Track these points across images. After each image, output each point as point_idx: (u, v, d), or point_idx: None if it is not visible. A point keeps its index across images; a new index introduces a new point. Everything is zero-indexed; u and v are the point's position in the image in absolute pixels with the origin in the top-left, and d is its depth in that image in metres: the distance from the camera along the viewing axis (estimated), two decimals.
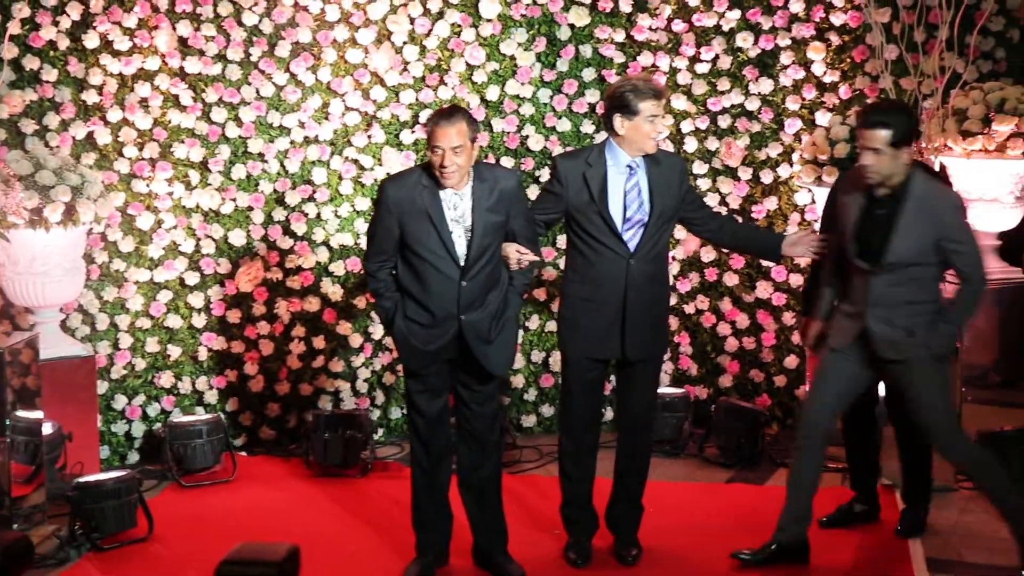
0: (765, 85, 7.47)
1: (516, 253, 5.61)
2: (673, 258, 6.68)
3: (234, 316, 7.36)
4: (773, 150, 7.46)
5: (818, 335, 5.83)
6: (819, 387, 5.75)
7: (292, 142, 7.36)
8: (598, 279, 5.69)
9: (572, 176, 5.70)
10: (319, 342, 7.45)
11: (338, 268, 7.43)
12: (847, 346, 5.64)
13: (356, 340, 7.49)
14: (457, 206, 5.49)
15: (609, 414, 7.02)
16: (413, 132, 7.40)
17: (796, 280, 7.40)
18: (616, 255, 5.65)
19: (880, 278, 5.50)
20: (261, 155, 7.34)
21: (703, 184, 7.48)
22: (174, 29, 7.14)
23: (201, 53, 7.18)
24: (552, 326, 7.35)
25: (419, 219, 5.46)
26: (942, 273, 5.59)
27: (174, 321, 7.30)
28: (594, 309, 5.71)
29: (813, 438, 5.72)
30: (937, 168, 6.96)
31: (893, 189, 5.46)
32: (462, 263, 5.49)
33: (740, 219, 7.31)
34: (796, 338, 7.38)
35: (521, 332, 7.17)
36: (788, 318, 7.46)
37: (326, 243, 7.43)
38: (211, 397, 7.38)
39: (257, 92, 7.28)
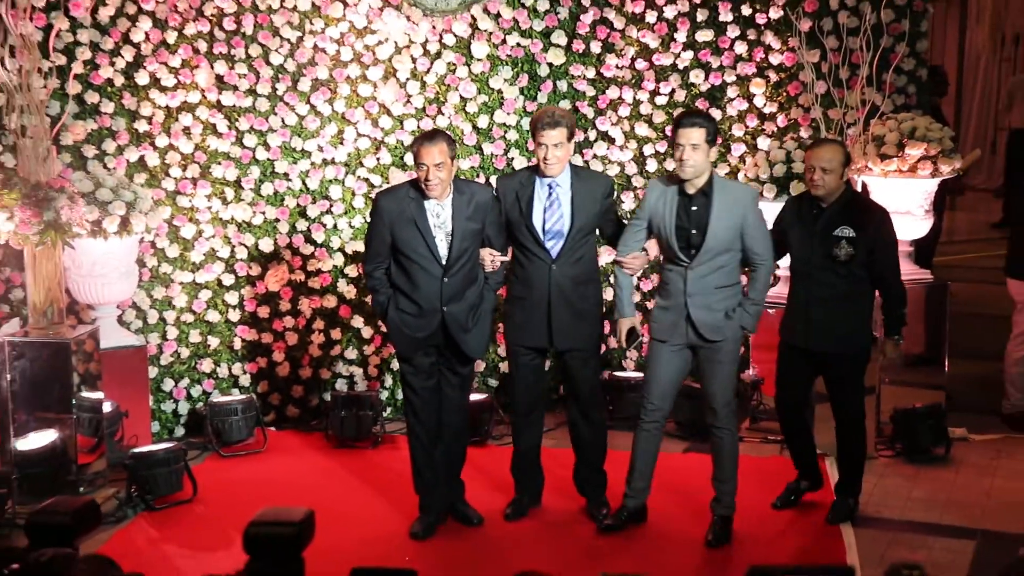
0: (714, 115, 7.43)
1: (490, 256, 5.74)
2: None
3: (264, 312, 7.39)
4: (721, 170, 7.44)
5: (629, 331, 5.79)
6: (655, 377, 5.71)
7: (312, 163, 7.37)
8: (529, 281, 5.78)
9: (508, 193, 5.81)
10: (336, 334, 7.48)
11: (352, 271, 7.45)
12: (671, 336, 5.62)
13: (367, 332, 7.50)
14: (439, 215, 5.61)
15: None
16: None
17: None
18: (541, 261, 5.74)
19: (695, 270, 5.51)
20: (286, 175, 7.35)
21: None
22: (212, 68, 7.17)
23: (235, 88, 7.21)
24: None
25: (407, 226, 5.58)
26: (741, 259, 5.61)
27: (213, 316, 7.32)
28: (527, 306, 5.80)
29: (655, 422, 5.73)
30: (859, 187, 6.97)
31: (702, 187, 5.50)
32: (444, 263, 5.61)
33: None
34: None
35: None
36: None
37: (341, 249, 7.45)
38: (245, 380, 7.40)
39: (283, 121, 7.30)
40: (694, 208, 5.50)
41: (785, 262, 5.97)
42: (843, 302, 5.69)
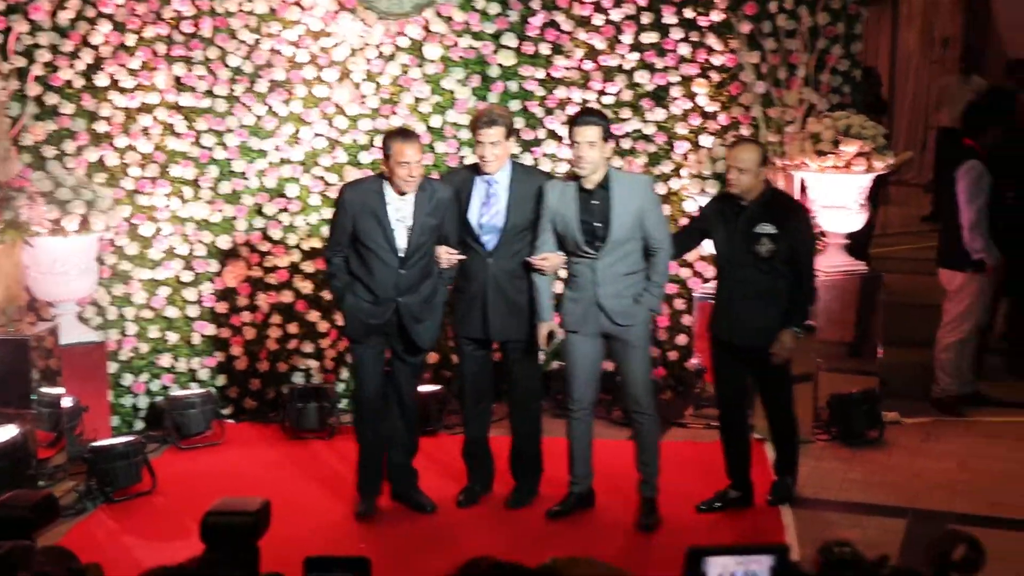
0: (659, 114, 7.48)
1: (446, 254, 5.76)
2: None
3: (222, 307, 7.33)
4: (666, 167, 7.48)
5: (548, 334, 5.75)
6: (573, 368, 5.71)
7: (269, 163, 7.32)
8: (468, 273, 5.81)
9: (454, 188, 5.84)
10: (293, 328, 7.42)
11: (308, 267, 7.38)
12: (583, 325, 5.62)
13: (323, 326, 7.44)
14: (401, 209, 5.64)
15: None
16: (369, 153, 7.32)
17: (685, 273, 7.42)
18: (478, 254, 5.77)
19: (603, 260, 5.53)
20: (243, 174, 7.29)
21: None
22: (171, 70, 7.09)
23: (193, 89, 7.14)
24: None
25: (369, 218, 5.61)
26: (643, 245, 5.60)
27: (172, 312, 7.25)
28: (466, 298, 5.84)
29: (583, 410, 5.74)
30: (797, 183, 7.05)
31: (600, 182, 5.53)
32: (401, 255, 5.63)
33: None
34: (686, 320, 7.44)
35: None
36: (679, 304, 7.49)
37: (298, 246, 7.39)
38: (203, 374, 7.33)
39: (240, 121, 7.24)
40: (595, 202, 5.53)
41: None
42: (766, 297, 5.65)
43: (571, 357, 5.72)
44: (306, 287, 7.41)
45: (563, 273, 5.81)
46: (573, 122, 5.55)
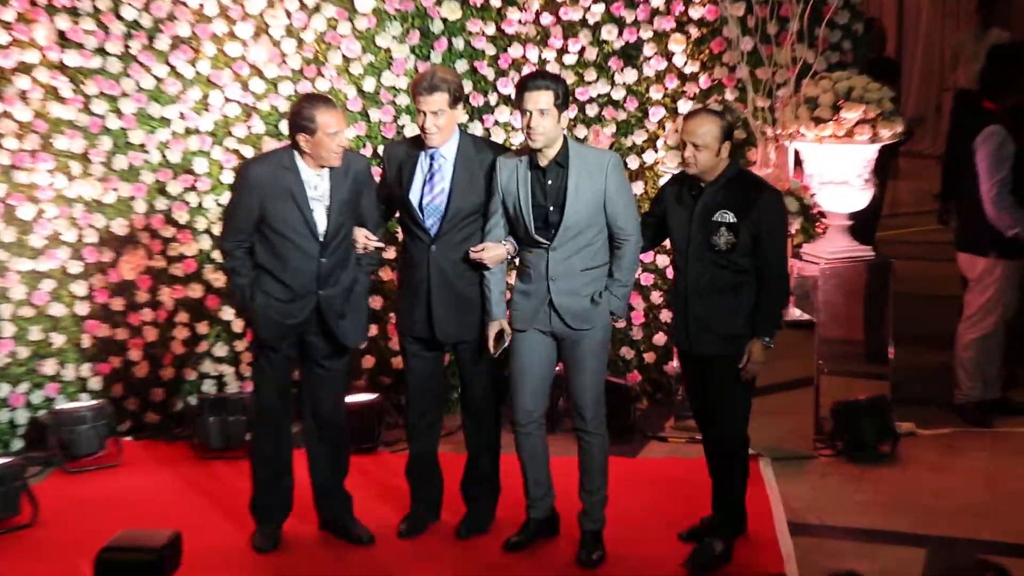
0: (630, 75, 7.49)
1: (364, 239, 5.73)
2: None
3: (118, 304, 7.26)
4: (639, 137, 7.50)
5: (497, 335, 5.71)
6: (519, 371, 5.67)
7: (173, 133, 7.28)
8: (411, 262, 5.80)
9: (392, 162, 5.82)
10: (203, 328, 7.40)
11: (220, 256, 6.91)
12: (531, 322, 5.61)
13: (238, 326, 7.39)
14: (318, 186, 5.60)
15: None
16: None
17: (663, 261, 7.41)
18: (420, 240, 5.73)
19: (557, 251, 5.50)
20: (142, 146, 7.24)
21: None
22: (53, 22, 7.00)
23: (80, 46, 7.05)
24: None
25: (282, 199, 5.55)
26: (607, 237, 5.57)
27: (57, 309, 7.15)
28: (409, 292, 5.82)
29: (532, 423, 5.71)
30: (791, 155, 7.09)
31: (555, 157, 5.48)
32: (322, 240, 5.60)
33: None
34: (664, 315, 7.43)
35: None
36: (656, 297, 7.51)
37: (208, 231, 7.34)
38: (95, 384, 7.25)
39: (137, 84, 7.17)
40: (549, 182, 5.50)
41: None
42: (724, 296, 5.53)
43: (517, 360, 5.68)
44: (218, 280, 7.37)
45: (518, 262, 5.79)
46: (521, 86, 5.48)
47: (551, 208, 5.48)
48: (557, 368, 5.79)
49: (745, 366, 5.48)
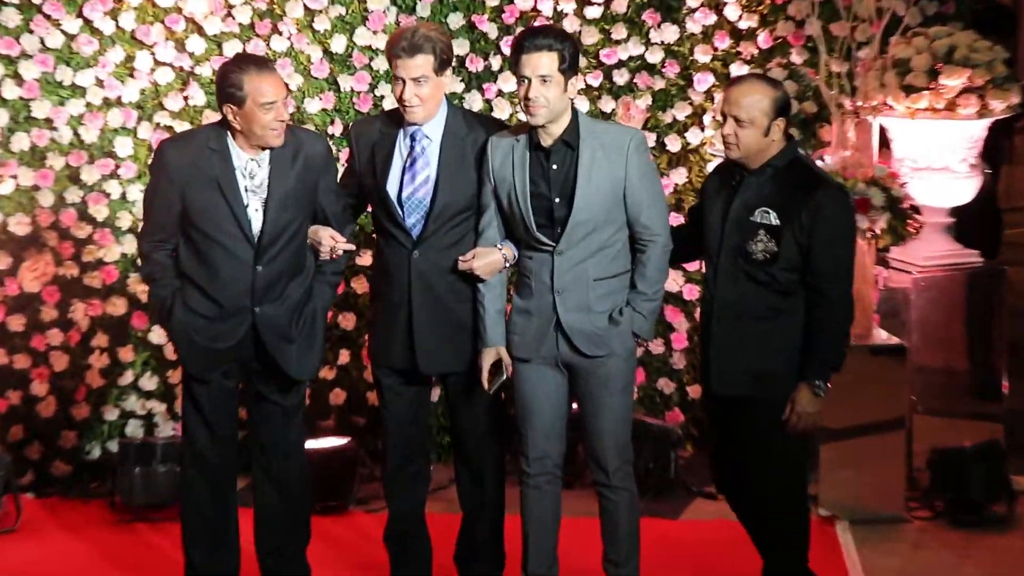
0: (669, 33, 7.36)
1: (330, 240, 5.57)
2: None
3: (17, 323, 7.18)
4: (680, 111, 7.37)
5: (493, 365, 5.57)
6: (527, 412, 5.57)
7: (88, 105, 7.20)
8: (387, 272, 5.68)
9: (363, 146, 5.72)
10: (126, 353, 7.28)
11: (139, 259, 6.95)
12: (536, 350, 5.48)
13: (172, 350, 6.93)
14: (255, 174, 5.48)
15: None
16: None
17: None
18: (399, 244, 5.62)
19: (564, 255, 5.35)
20: (49, 121, 7.17)
21: None
22: None
23: None
24: None
25: (206, 189, 5.44)
26: (628, 238, 5.44)
27: None
28: (385, 310, 5.72)
29: (545, 474, 5.60)
30: (875, 133, 6.91)
31: (561, 135, 5.35)
32: (256, 242, 5.48)
33: None
34: None
35: None
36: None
37: (134, 230, 7.18)
38: None
39: (42, 42, 7.11)
40: (554, 167, 5.37)
41: None
42: (759, 322, 5.28)
43: (522, 396, 5.58)
44: (146, 292, 6.82)
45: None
46: (517, 47, 5.31)
47: (556, 200, 5.35)
48: (575, 405, 5.70)
49: (789, 418, 5.23)
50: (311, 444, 6.29)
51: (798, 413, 5.18)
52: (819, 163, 6.71)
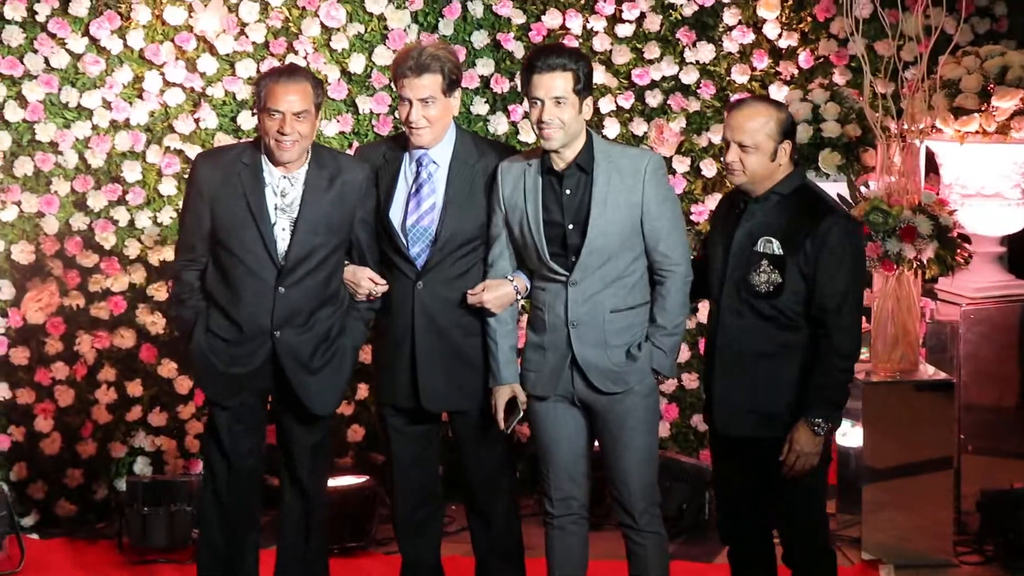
0: (705, 52, 7.36)
1: (370, 283, 5.51)
2: None
3: (20, 356, 7.13)
4: (716, 135, 7.23)
5: (508, 403, 5.48)
6: (548, 452, 5.49)
7: (95, 128, 7.14)
8: (390, 305, 5.61)
9: (371, 168, 5.71)
10: (134, 388, 7.23)
11: (159, 292, 7.18)
12: (552, 387, 5.39)
13: (184, 385, 7.24)
14: (286, 192, 5.46)
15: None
16: (254, 114, 6.85)
17: None
18: (402, 274, 5.55)
19: (579, 286, 5.28)
20: (54, 144, 7.11)
21: None
22: None
23: None
24: None
25: (235, 204, 5.43)
26: (647, 267, 5.38)
27: None
28: (388, 345, 5.65)
29: (571, 515, 5.51)
30: (922, 157, 6.80)
31: (575, 159, 5.27)
32: (282, 263, 5.45)
33: None
34: None
35: None
36: None
37: (142, 259, 7.20)
38: None
39: (47, 62, 7.06)
40: (567, 192, 5.27)
41: None
42: (764, 359, 5.18)
43: (541, 436, 5.50)
44: (155, 324, 7.26)
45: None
46: (529, 67, 5.25)
47: (570, 226, 5.27)
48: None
49: (787, 457, 5.10)
50: (330, 483, 6.16)
51: (796, 452, 5.07)
52: (863, 189, 6.78)
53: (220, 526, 5.69)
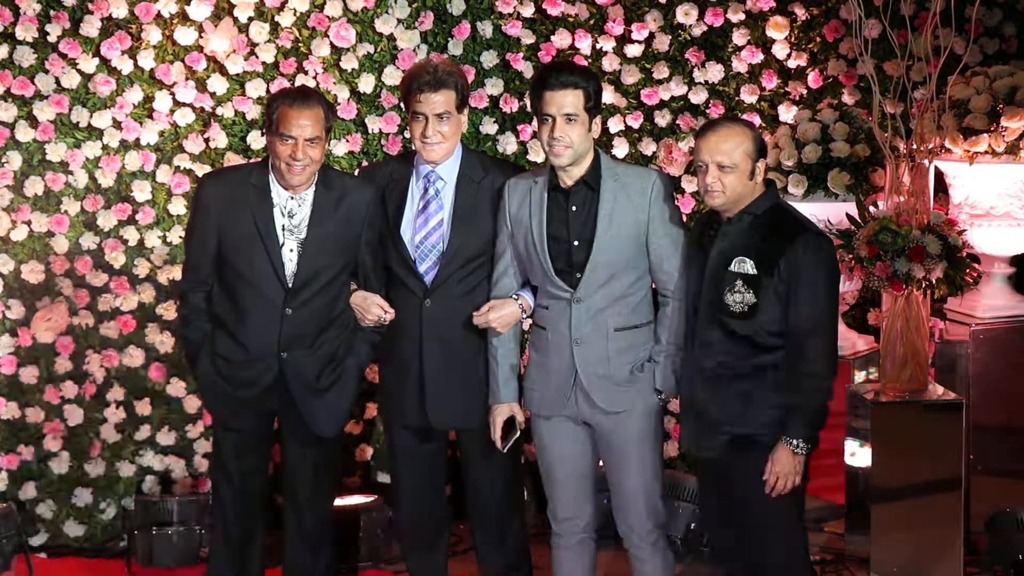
0: (714, 72, 7.51)
1: (378, 310, 5.65)
2: None
3: (29, 375, 7.27)
4: None
5: (507, 423, 5.61)
6: (552, 473, 5.61)
7: (105, 147, 7.27)
8: (397, 325, 5.72)
9: (377, 187, 5.81)
10: (143, 407, 7.34)
11: (168, 311, 7.31)
12: (555, 406, 5.50)
13: (192, 404, 7.36)
14: (294, 213, 5.59)
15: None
16: (263, 133, 7.01)
17: None
18: (409, 292, 5.67)
19: (583, 303, 5.39)
20: (64, 164, 7.25)
21: None
22: None
23: None
24: None
25: (243, 226, 5.56)
26: (650, 283, 5.51)
27: None
28: (395, 363, 5.77)
29: (575, 535, 5.63)
30: (932, 178, 6.90)
31: (583, 176, 5.41)
32: (289, 285, 5.57)
33: None
34: None
35: None
36: None
37: (151, 278, 7.33)
38: None
39: (57, 82, 7.20)
40: (573, 208, 5.43)
41: None
42: (739, 381, 5.28)
43: (546, 456, 5.63)
44: (164, 343, 7.37)
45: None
46: (540, 83, 5.40)
47: (575, 243, 5.42)
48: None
49: (768, 477, 5.22)
50: (336, 502, 6.29)
51: (775, 473, 5.19)
52: (872, 209, 6.80)
53: (227, 546, 5.83)
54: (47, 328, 7.21)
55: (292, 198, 5.57)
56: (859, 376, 7.18)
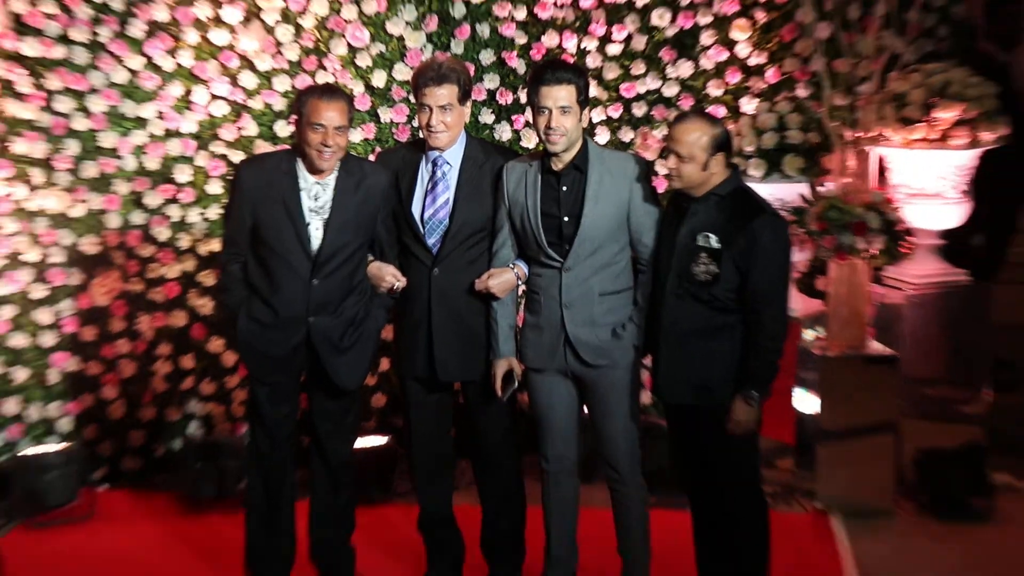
0: (684, 68, 7.78)
1: (392, 278, 5.90)
2: None
3: (89, 333, 7.51)
4: None
5: (505, 375, 5.87)
6: (544, 418, 5.89)
7: (151, 135, 7.50)
8: (409, 291, 5.94)
9: (389, 171, 6.00)
10: (187, 361, 7.67)
11: (207, 278, 7.58)
12: (548, 361, 5.80)
13: (230, 358, 7.67)
14: (319, 196, 5.81)
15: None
16: (289, 123, 7.48)
17: None
18: (419, 262, 5.90)
19: (572, 271, 5.65)
20: (115, 150, 7.47)
21: None
22: (5, 4, 7.22)
23: (40, 33, 7.28)
24: None
25: (275, 207, 5.77)
26: (631, 254, 5.72)
27: (19, 340, 7.41)
28: (408, 323, 5.98)
29: (563, 471, 5.94)
30: (874, 162, 7.31)
31: (572, 160, 5.65)
32: (315, 258, 5.78)
33: None
34: None
35: None
36: None
37: (193, 250, 7.61)
38: (64, 425, 7.50)
39: (108, 79, 7.40)
40: (564, 188, 5.66)
41: None
42: (700, 340, 5.54)
43: (538, 403, 5.92)
44: (204, 306, 7.71)
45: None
46: (537, 79, 5.61)
47: (565, 219, 5.66)
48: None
49: (728, 427, 5.52)
50: (357, 444, 6.42)
51: (735, 421, 5.47)
52: (820, 188, 7.09)
53: (262, 481, 6.04)
54: (103, 293, 7.49)
55: (317, 183, 5.76)
56: (808, 334, 7.35)
